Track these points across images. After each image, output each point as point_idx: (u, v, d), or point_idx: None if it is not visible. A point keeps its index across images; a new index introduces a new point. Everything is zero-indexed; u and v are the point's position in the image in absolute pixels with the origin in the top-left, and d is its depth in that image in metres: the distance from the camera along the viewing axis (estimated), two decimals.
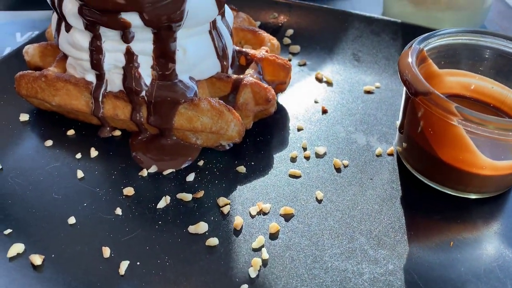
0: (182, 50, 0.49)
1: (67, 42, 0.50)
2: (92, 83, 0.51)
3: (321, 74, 0.62)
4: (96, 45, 0.48)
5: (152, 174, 0.50)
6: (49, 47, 0.57)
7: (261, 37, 0.59)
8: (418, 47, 0.48)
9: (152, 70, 0.49)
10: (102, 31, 0.47)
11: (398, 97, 0.59)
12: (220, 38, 0.52)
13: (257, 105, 0.52)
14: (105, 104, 0.51)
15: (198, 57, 0.50)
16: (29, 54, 0.57)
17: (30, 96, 0.54)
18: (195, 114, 0.50)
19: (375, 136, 0.54)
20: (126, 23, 0.45)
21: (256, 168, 0.50)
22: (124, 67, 0.49)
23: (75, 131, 0.54)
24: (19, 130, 0.54)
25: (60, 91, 0.52)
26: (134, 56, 0.48)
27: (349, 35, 0.67)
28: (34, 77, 0.53)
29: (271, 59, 0.55)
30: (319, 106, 0.58)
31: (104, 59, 0.49)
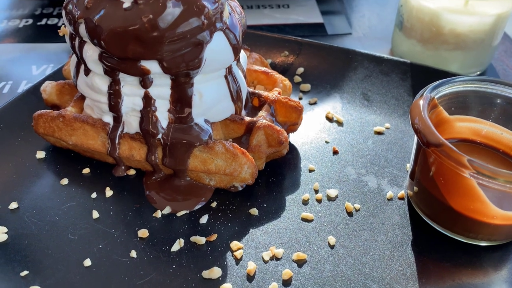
0: (199, 95, 0.50)
1: (86, 85, 0.51)
2: (109, 124, 0.52)
3: (331, 113, 0.63)
4: (115, 89, 0.49)
5: (166, 215, 0.50)
6: (67, 86, 0.58)
7: (274, 78, 0.60)
8: (429, 95, 0.49)
9: (169, 113, 0.50)
10: (121, 77, 0.48)
11: (408, 138, 0.60)
12: (235, 82, 0.53)
13: (270, 147, 0.53)
14: (121, 145, 0.52)
15: (213, 101, 0.51)
16: (46, 92, 0.59)
17: (47, 134, 0.55)
18: (210, 156, 0.51)
19: (386, 179, 0.55)
20: (145, 70, 0.46)
21: (268, 210, 0.51)
22: (142, 110, 0.50)
23: (91, 170, 0.55)
24: (36, 168, 0.55)
25: (77, 131, 0.53)
26: (151, 100, 0.49)
27: (358, 74, 0.68)
28: (52, 116, 0.54)
29: (284, 101, 0.56)
30: (330, 147, 0.59)
31: (122, 103, 0.50)
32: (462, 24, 0.68)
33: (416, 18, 0.72)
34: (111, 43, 0.44)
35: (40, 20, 0.88)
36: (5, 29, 0.86)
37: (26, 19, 0.88)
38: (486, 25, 0.68)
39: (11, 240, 0.47)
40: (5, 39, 0.83)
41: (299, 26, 0.87)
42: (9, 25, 0.87)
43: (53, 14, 0.89)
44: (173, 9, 0.44)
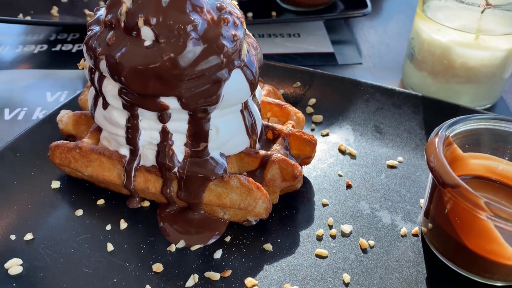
0: (215, 129, 0.50)
1: (104, 118, 0.52)
2: (125, 156, 0.52)
3: (344, 146, 0.63)
4: (133, 123, 0.50)
5: (180, 249, 0.50)
6: (83, 117, 0.59)
7: (287, 111, 0.60)
8: (445, 134, 0.49)
9: (185, 147, 0.51)
10: (140, 111, 0.49)
11: (421, 173, 0.60)
12: (251, 116, 0.53)
13: (284, 181, 0.53)
14: (137, 177, 0.53)
15: (229, 135, 0.52)
16: (63, 122, 0.59)
17: (63, 165, 0.55)
18: (225, 190, 0.51)
19: (399, 215, 0.55)
20: (164, 106, 0.47)
21: (282, 246, 0.51)
22: (159, 144, 0.50)
23: (105, 201, 0.55)
24: (51, 198, 0.55)
25: (94, 162, 0.54)
26: (169, 134, 0.50)
27: (370, 107, 0.69)
28: (69, 148, 0.54)
29: (298, 135, 0.56)
30: (343, 180, 0.59)
31: (139, 136, 0.50)
32: (474, 58, 0.69)
33: (427, 51, 0.73)
34: (132, 80, 0.45)
35: (55, 46, 0.89)
36: (20, 55, 0.87)
37: (41, 44, 0.90)
38: (497, 59, 0.69)
39: (26, 273, 0.47)
40: (20, 65, 0.84)
41: (310, 55, 0.88)
42: (24, 50, 0.88)
43: (68, 40, 0.91)
44: (194, 47, 0.45)
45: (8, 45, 0.90)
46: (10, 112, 0.73)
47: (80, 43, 0.90)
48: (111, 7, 0.46)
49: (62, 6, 0.96)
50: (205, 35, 0.45)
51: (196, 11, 0.46)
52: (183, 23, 0.45)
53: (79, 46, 0.89)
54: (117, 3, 0.46)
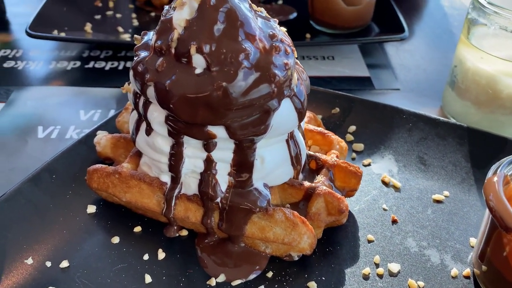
0: (260, 159, 0.49)
1: (146, 144, 0.50)
2: (166, 184, 0.51)
3: (388, 177, 0.61)
4: (177, 151, 0.48)
5: (221, 283, 0.48)
6: (122, 140, 0.57)
7: (330, 139, 0.58)
8: (503, 173, 0.47)
9: (229, 177, 0.49)
10: (185, 139, 0.47)
11: (468, 209, 0.57)
12: (296, 146, 0.51)
13: (330, 215, 0.51)
14: (177, 206, 0.51)
15: (274, 165, 0.50)
16: (101, 145, 0.58)
17: (100, 190, 0.54)
18: (268, 224, 0.49)
19: (449, 254, 0.52)
20: (211, 135, 0.45)
21: (327, 285, 0.48)
22: (202, 172, 0.49)
23: (142, 228, 0.54)
24: (86, 223, 0.54)
25: (133, 188, 0.52)
26: (213, 163, 0.48)
27: (414, 136, 0.66)
28: (108, 172, 0.53)
29: (343, 166, 0.54)
30: (388, 215, 0.56)
31: (183, 164, 0.49)
32: None
33: (471, 80, 0.71)
34: (181, 108, 0.44)
35: (88, 63, 0.89)
36: (54, 71, 0.87)
37: (74, 61, 0.89)
38: None
39: None
40: (53, 81, 0.84)
41: (345, 79, 0.86)
42: (57, 67, 0.88)
43: (100, 57, 0.90)
44: (245, 77, 0.43)
45: (41, 61, 0.90)
46: (43, 130, 0.72)
47: (113, 61, 0.89)
48: (161, 33, 0.45)
49: (96, 22, 0.96)
50: (257, 64, 0.44)
51: (248, 39, 0.44)
52: (236, 52, 0.43)
53: (112, 63, 0.89)
54: (168, 29, 0.45)
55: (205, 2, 0.44)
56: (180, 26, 0.44)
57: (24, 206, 0.54)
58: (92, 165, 0.59)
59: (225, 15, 0.44)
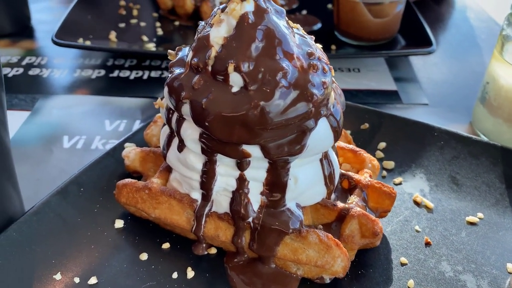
0: (294, 179, 0.48)
1: (178, 160, 0.49)
2: (196, 201, 0.50)
3: (420, 197, 0.59)
4: (210, 169, 0.47)
5: None
6: (151, 154, 0.57)
7: (362, 158, 0.57)
8: None
9: (261, 196, 0.48)
10: (218, 157, 0.46)
11: (504, 232, 0.55)
12: (330, 165, 0.50)
13: (363, 238, 0.50)
14: (207, 224, 0.50)
15: (308, 185, 0.49)
16: (130, 158, 0.57)
17: (129, 204, 0.53)
18: (301, 246, 0.48)
19: (485, 280, 0.50)
20: (246, 154, 0.45)
21: None
22: (234, 191, 0.48)
23: (170, 245, 0.53)
24: (114, 239, 0.53)
25: (162, 205, 0.51)
26: (246, 182, 0.47)
27: (445, 155, 0.65)
28: (137, 188, 0.52)
29: (377, 187, 0.53)
30: (421, 237, 0.55)
31: (215, 182, 0.48)
32: None
33: (505, 97, 0.69)
34: (217, 127, 0.43)
35: (112, 72, 0.88)
36: (78, 79, 0.87)
37: (99, 70, 0.89)
38: None
39: None
40: (78, 90, 0.84)
41: (372, 92, 0.85)
42: (82, 75, 0.88)
43: (125, 66, 0.90)
44: (283, 96, 0.42)
45: (66, 69, 0.90)
46: (69, 140, 0.72)
47: (138, 70, 0.89)
48: (198, 50, 0.44)
49: (120, 30, 0.96)
50: (294, 83, 0.43)
51: (286, 58, 0.43)
52: (274, 71, 0.42)
53: (136, 73, 0.88)
54: (205, 46, 0.44)
55: (244, 20, 0.43)
56: (218, 44, 0.43)
57: (53, 220, 0.53)
58: (119, 178, 0.58)
59: (263, 33, 0.43)
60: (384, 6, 0.89)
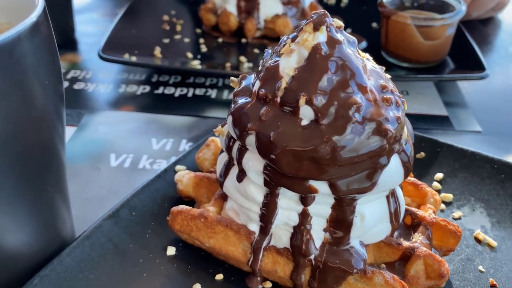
0: (360, 217, 0.46)
1: (236, 190, 0.48)
2: (254, 233, 0.48)
3: (482, 234, 0.56)
4: (271, 201, 0.46)
5: None
6: (205, 180, 0.55)
7: (424, 192, 0.55)
8: None
9: (324, 233, 0.46)
10: (281, 190, 0.45)
11: None
12: (396, 201, 0.48)
13: (429, 279, 0.47)
14: (265, 258, 0.48)
15: (374, 223, 0.47)
16: (183, 183, 0.56)
17: (183, 232, 0.52)
18: (366, 287, 0.45)
19: None
20: (313, 189, 0.43)
21: None
22: (295, 226, 0.46)
23: (224, 276, 0.51)
24: (166, 267, 0.52)
25: (218, 234, 0.50)
26: (308, 217, 0.45)
27: (507, 189, 0.62)
28: (193, 216, 0.51)
29: (442, 225, 0.50)
30: (485, 278, 0.52)
31: (276, 216, 0.46)
32: None
33: None
34: (285, 161, 0.41)
35: (157, 88, 0.88)
36: (123, 95, 0.86)
37: (143, 85, 0.89)
38: None
39: None
40: (123, 106, 0.84)
41: (422, 117, 0.82)
42: (127, 91, 0.88)
43: (169, 83, 0.90)
44: (356, 131, 0.41)
45: (111, 84, 0.90)
46: (116, 158, 0.71)
47: (182, 87, 0.88)
48: (266, 80, 0.43)
49: (164, 46, 0.96)
50: (368, 118, 0.41)
51: (360, 91, 0.42)
52: (347, 105, 0.41)
53: (181, 90, 0.88)
54: (274, 77, 0.43)
55: (316, 51, 0.41)
56: (288, 75, 0.42)
57: (105, 245, 0.52)
58: (171, 202, 0.57)
59: (336, 64, 0.41)
60: (435, 29, 0.87)
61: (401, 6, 0.94)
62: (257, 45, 0.99)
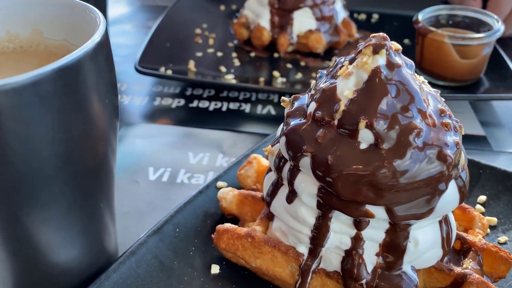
0: (414, 242, 0.45)
1: (286, 210, 0.48)
2: (303, 255, 0.48)
3: None
4: (323, 224, 0.45)
5: None
6: (250, 198, 0.55)
7: (471, 216, 0.54)
8: None
9: (377, 257, 0.46)
10: (335, 213, 0.44)
11: None
12: (448, 226, 0.47)
13: None
14: (313, 281, 0.48)
15: (426, 248, 0.46)
16: (227, 201, 0.56)
17: (228, 251, 0.52)
18: None
19: None
20: (369, 214, 0.42)
21: None
22: (347, 250, 0.46)
23: None
24: (211, 286, 0.51)
25: (265, 255, 0.49)
26: (361, 241, 0.45)
27: None
28: (239, 235, 0.51)
29: (493, 251, 0.49)
30: None
31: (327, 239, 0.46)
32: None
33: None
34: (342, 184, 0.41)
35: (192, 102, 0.88)
36: (159, 108, 0.87)
37: (178, 99, 0.89)
38: None
39: None
40: (159, 119, 0.84)
41: None
42: (162, 104, 0.88)
43: (203, 97, 0.90)
44: (416, 156, 0.40)
45: (146, 96, 0.90)
46: (154, 172, 0.71)
47: (216, 101, 0.89)
48: (323, 102, 0.43)
49: (198, 59, 0.97)
50: (428, 143, 0.41)
51: (419, 115, 0.41)
52: (407, 129, 0.40)
53: (215, 104, 0.88)
54: (331, 99, 0.42)
55: (376, 74, 0.41)
56: (346, 97, 0.42)
57: (150, 262, 0.52)
58: (213, 219, 0.57)
59: (397, 88, 0.41)
60: (472, 48, 0.86)
61: (436, 23, 0.94)
62: (289, 60, 0.99)
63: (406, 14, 1.17)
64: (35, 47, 0.48)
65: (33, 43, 0.48)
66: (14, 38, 0.48)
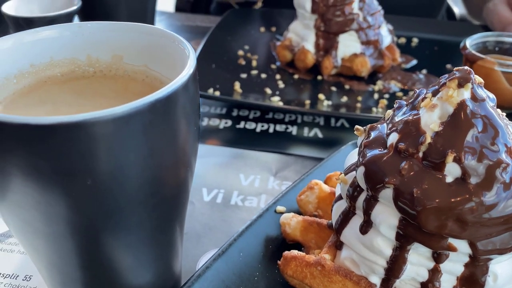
0: (493, 276, 0.44)
1: (359, 241, 0.47)
2: (375, 286, 0.47)
3: None
4: (400, 256, 0.45)
5: None
6: (315, 225, 0.55)
7: None
8: None
9: None
10: (414, 246, 0.44)
11: None
12: None
13: None
14: None
15: (505, 282, 0.45)
16: (291, 227, 0.56)
17: (295, 278, 0.51)
18: None
19: None
20: (452, 248, 0.42)
21: None
22: (423, 282, 0.45)
23: None
24: None
25: (335, 284, 0.49)
26: (439, 274, 0.44)
27: None
28: (308, 263, 0.50)
29: None
30: None
31: (404, 271, 0.45)
32: None
33: None
34: (428, 217, 0.41)
35: (239, 123, 0.89)
36: (207, 129, 0.88)
37: (225, 120, 0.90)
38: None
39: None
40: (208, 140, 0.85)
41: None
42: (210, 124, 0.89)
43: (249, 118, 0.91)
44: (502, 191, 0.40)
45: None
46: (208, 193, 0.72)
47: (262, 123, 0.89)
48: (406, 133, 0.43)
49: (243, 81, 0.98)
50: None
51: (505, 149, 0.41)
52: (494, 164, 0.40)
53: (262, 125, 0.89)
54: (415, 131, 0.42)
55: (462, 108, 0.41)
56: (432, 130, 0.42)
57: (217, 286, 0.52)
58: (275, 244, 0.58)
59: (483, 122, 0.41)
60: None
61: (484, 49, 0.94)
62: (333, 83, 1.00)
63: (445, 39, 1.18)
64: (115, 72, 0.49)
65: (113, 68, 0.50)
66: (95, 63, 0.50)
